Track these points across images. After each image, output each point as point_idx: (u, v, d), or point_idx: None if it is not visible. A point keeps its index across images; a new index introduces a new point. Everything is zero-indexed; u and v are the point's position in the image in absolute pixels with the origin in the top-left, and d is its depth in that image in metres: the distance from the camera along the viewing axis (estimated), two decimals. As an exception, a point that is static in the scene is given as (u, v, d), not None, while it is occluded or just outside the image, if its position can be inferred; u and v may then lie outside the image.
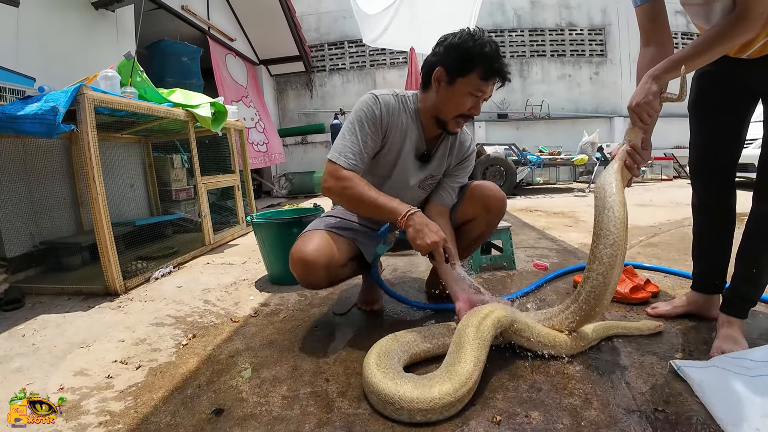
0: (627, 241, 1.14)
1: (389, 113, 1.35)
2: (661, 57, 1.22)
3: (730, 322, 1.28)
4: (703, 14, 1.23)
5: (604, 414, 0.96)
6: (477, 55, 1.24)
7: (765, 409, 0.94)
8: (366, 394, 1.05)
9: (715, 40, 1.08)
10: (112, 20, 3.63)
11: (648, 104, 1.13)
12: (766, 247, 1.25)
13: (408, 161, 1.43)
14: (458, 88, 1.29)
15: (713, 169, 1.40)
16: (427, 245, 1.18)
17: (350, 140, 1.31)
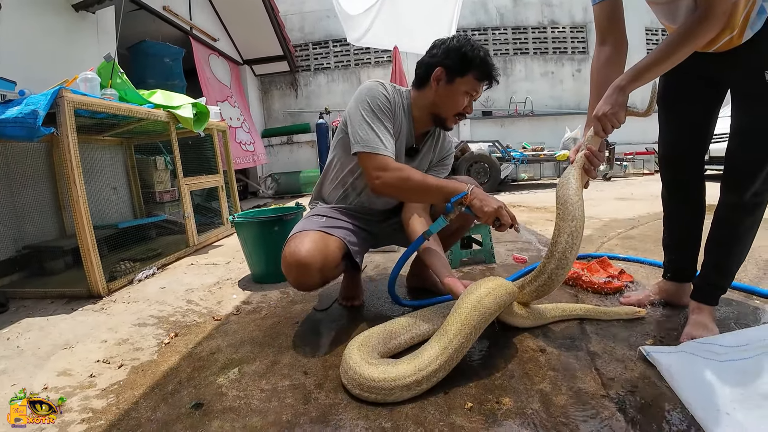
0: (582, 236, 1.24)
1: (394, 102, 1.43)
2: (616, 56, 1.28)
3: (701, 309, 1.33)
4: (669, 13, 1.28)
5: (573, 398, 1.01)
6: (474, 58, 1.36)
7: (735, 394, 0.97)
8: (342, 377, 1.10)
9: (679, 42, 1.11)
10: (93, 22, 3.61)
11: (614, 115, 1.17)
12: (734, 236, 1.30)
13: (400, 153, 1.49)
14: (456, 87, 1.39)
15: (682, 162, 1.46)
16: (494, 210, 1.25)
17: (378, 128, 1.35)
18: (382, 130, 1.35)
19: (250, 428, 0.95)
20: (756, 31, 1.17)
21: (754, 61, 1.19)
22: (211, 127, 3.33)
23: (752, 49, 1.19)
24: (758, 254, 2.13)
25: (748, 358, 1.10)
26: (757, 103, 1.22)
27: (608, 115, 1.17)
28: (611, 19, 1.29)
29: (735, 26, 1.18)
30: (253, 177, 7.59)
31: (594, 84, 1.32)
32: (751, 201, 1.26)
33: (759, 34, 1.17)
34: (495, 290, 1.19)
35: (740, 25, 1.17)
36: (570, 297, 1.69)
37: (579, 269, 1.79)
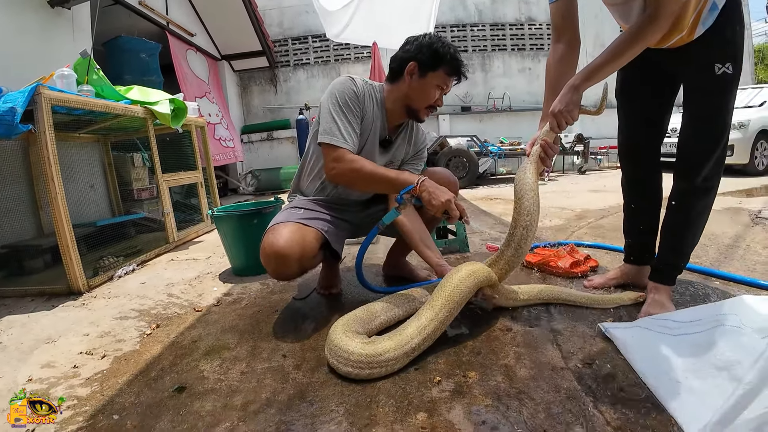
0: (537, 222, 1.37)
1: (363, 95, 1.49)
2: (569, 54, 1.36)
3: (658, 289, 1.43)
4: (623, 13, 1.37)
5: (535, 371, 1.09)
6: (445, 54, 1.44)
7: (687, 365, 1.05)
8: (327, 353, 1.17)
9: (629, 42, 1.19)
10: (68, 18, 3.56)
11: (568, 113, 1.26)
12: (687, 220, 1.41)
13: (374, 145, 1.56)
14: (428, 80, 1.47)
15: (639, 152, 1.56)
16: (442, 203, 1.31)
17: (341, 121, 1.41)
18: (344, 123, 1.41)
19: (230, 407, 1.01)
20: (707, 27, 1.27)
21: (705, 55, 1.29)
22: (189, 123, 3.33)
23: (703, 44, 1.29)
24: (720, 240, 2.27)
25: (701, 332, 1.19)
26: (706, 96, 1.32)
27: (563, 112, 1.26)
28: (565, 18, 1.37)
29: (685, 27, 1.27)
30: (233, 174, 7.54)
31: (548, 80, 1.41)
32: (701, 186, 1.36)
33: (710, 30, 1.26)
34: (475, 273, 1.31)
35: (692, 23, 1.27)
36: (538, 281, 1.78)
37: (547, 255, 1.88)
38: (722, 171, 1.38)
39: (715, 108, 1.32)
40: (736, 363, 1.03)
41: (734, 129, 5.57)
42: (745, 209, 3.14)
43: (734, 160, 5.60)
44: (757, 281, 1.59)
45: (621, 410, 0.92)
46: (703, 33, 1.28)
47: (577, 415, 0.91)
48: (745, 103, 6.19)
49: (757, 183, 4.81)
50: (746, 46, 10.10)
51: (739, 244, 2.20)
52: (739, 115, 5.76)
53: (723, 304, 1.32)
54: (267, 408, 0.99)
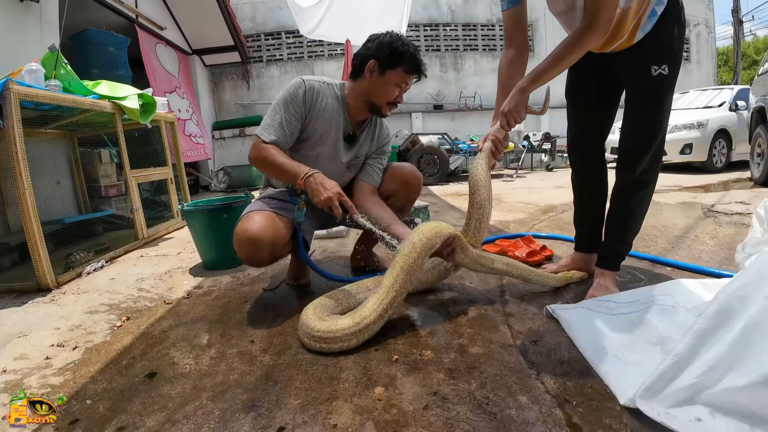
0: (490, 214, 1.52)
1: (313, 95, 1.55)
2: (518, 58, 1.47)
3: (604, 274, 1.55)
4: (567, 21, 1.48)
5: (485, 349, 1.19)
6: (404, 52, 1.51)
7: (622, 340, 1.16)
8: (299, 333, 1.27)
9: (570, 48, 1.30)
10: (37, 12, 3.49)
11: (516, 112, 1.37)
12: (628, 210, 1.54)
13: (338, 141, 1.62)
14: (387, 78, 1.53)
15: (586, 148, 1.68)
16: (323, 201, 1.37)
17: (273, 117, 1.51)
18: (277, 119, 1.50)
19: (200, 388, 1.07)
20: (646, 32, 1.39)
21: (643, 58, 1.41)
22: (158, 119, 3.31)
23: (642, 48, 1.41)
24: (671, 231, 2.43)
25: (638, 311, 1.31)
26: (644, 95, 1.45)
27: (511, 112, 1.36)
28: (516, 24, 1.48)
29: (625, 33, 1.39)
30: (205, 170, 7.45)
31: (500, 81, 1.51)
32: (640, 179, 1.49)
33: (648, 34, 1.39)
34: (437, 227, 1.35)
35: (632, 29, 1.38)
36: (496, 271, 1.89)
37: (506, 246, 2.00)
38: (659, 166, 1.52)
39: (652, 107, 1.44)
40: (669, 338, 1.14)
41: (693, 128, 5.88)
42: (699, 203, 3.33)
43: (693, 158, 5.91)
44: (699, 267, 1.73)
45: (561, 380, 1.02)
46: (642, 38, 1.40)
47: (521, 385, 1.01)
48: (705, 103, 6.52)
49: (714, 179, 5.09)
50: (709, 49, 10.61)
51: (688, 235, 2.37)
52: (699, 115, 6.07)
53: (660, 286, 1.45)
54: (235, 388, 1.05)
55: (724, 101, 6.30)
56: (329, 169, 1.58)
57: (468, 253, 1.45)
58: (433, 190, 5.28)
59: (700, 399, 0.88)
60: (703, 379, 0.89)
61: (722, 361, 0.88)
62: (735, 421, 0.84)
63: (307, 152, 1.61)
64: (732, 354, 0.88)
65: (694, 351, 0.92)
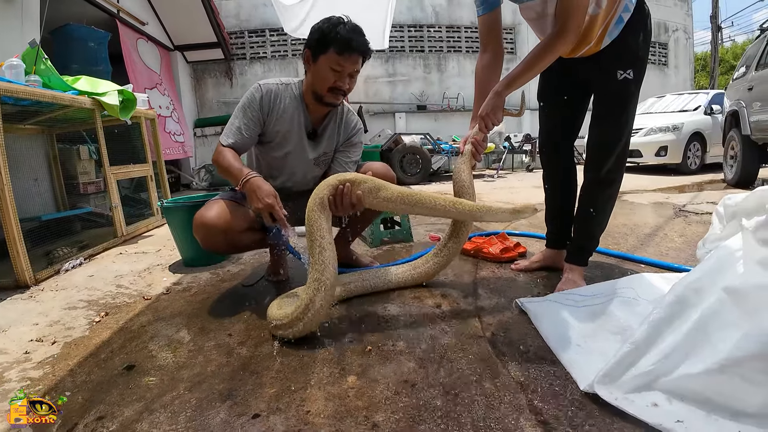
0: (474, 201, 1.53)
1: (270, 99, 1.58)
2: (494, 62, 1.53)
3: (572, 269, 1.62)
4: (539, 27, 1.55)
5: (456, 340, 1.24)
6: (331, 33, 1.47)
7: (585, 330, 1.22)
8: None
9: (541, 54, 1.37)
10: (18, 6, 3.43)
11: (493, 115, 1.44)
12: (595, 207, 1.61)
13: (301, 139, 1.65)
14: (321, 64, 1.52)
15: (556, 149, 1.76)
16: (255, 209, 1.42)
17: (233, 123, 1.57)
18: (235, 124, 1.57)
19: (178, 379, 1.09)
20: (613, 38, 1.46)
21: (609, 63, 1.48)
22: (138, 115, 3.29)
23: (609, 53, 1.48)
24: (641, 230, 2.53)
25: (599, 303, 1.38)
26: (610, 98, 1.52)
27: (489, 115, 1.42)
28: (491, 30, 1.54)
29: (593, 39, 1.46)
30: (186, 168, 7.38)
31: (477, 85, 1.57)
32: (606, 177, 1.56)
33: (615, 40, 1.46)
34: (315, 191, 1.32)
35: (599, 35, 1.45)
36: (471, 266, 1.95)
37: (481, 243, 2.06)
38: (624, 165, 1.59)
39: (617, 110, 1.51)
40: (629, 328, 1.20)
41: (669, 131, 6.07)
42: (671, 203, 3.45)
43: (668, 160, 6.10)
44: (663, 263, 1.82)
45: (526, 368, 1.08)
46: (610, 43, 1.47)
47: (487, 372, 1.06)
48: (681, 107, 6.72)
49: (688, 181, 5.25)
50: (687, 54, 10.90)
51: (657, 233, 2.46)
52: (674, 119, 6.26)
53: (623, 280, 1.52)
54: (212, 379, 1.09)
55: (699, 105, 6.51)
56: (298, 167, 1.65)
57: (377, 194, 1.34)
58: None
59: (657, 385, 0.93)
60: (660, 366, 0.94)
61: (678, 349, 0.94)
62: (691, 407, 0.88)
63: (274, 153, 1.65)
64: (688, 342, 0.94)
65: (651, 339, 0.98)
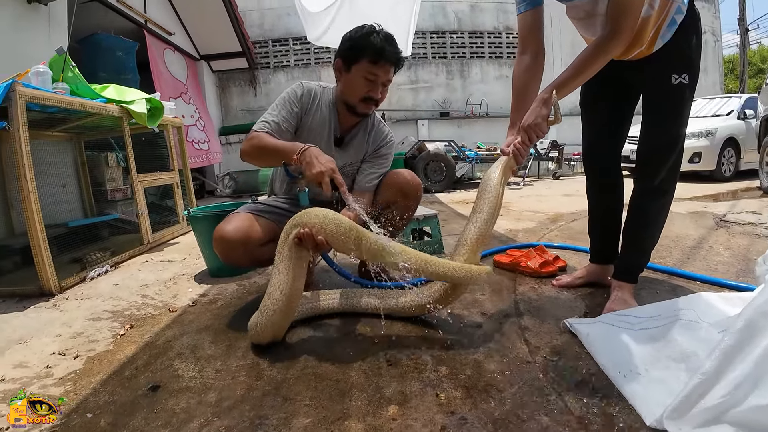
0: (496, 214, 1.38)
1: (310, 97, 1.55)
2: (534, 64, 1.43)
3: (621, 287, 1.50)
4: (586, 27, 1.45)
5: (502, 365, 1.14)
6: (364, 43, 1.45)
7: (645, 356, 1.12)
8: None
9: (592, 57, 1.26)
10: (45, 14, 3.48)
11: (538, 126, 1.32)
12: (646, 220, 1.49)
13: (329, 144, 1.60)
14: (353, 74, 1.49)
15: (600, 156, 1.64)
16: (314, 175, 1.31)
17: (269, 113, 1.54)
18: (271, 114, 1.53)
19: (205, 403, 1.02)
20: (666, 41, 1.35)
21: (663, 67, 1.38)
22: (165, 123, 3.30)
23: (661, 56, 1.38)
24: (684, 242, 2.38)
25: (660, 326, 1.26)
26: (663, 103, 1.41)
27: (533, 126, 1.32)
28: (532, 29, 1.44)
29: (645, 41, 1.35)
30: (211, 175, 7.45)
31: (515, 90, 1.48)
32: (658, 188, 1.45)
33: (668, 43, 1.36)
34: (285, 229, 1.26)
35: (651, 37, 1.35)
36: (509, 281, 1.84)
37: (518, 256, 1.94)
38: (678, 175, 1.47)
39: (671, 115, 1.40)
40: (693, 355, 1.10)
41: (702, 137, 5.83)
42: (710, 213, 3.29)
43: (701, 167, 5.86)
44: (716, 279, 1.68)
45: (583, 400, 0.98)
46: (662, 46, 1.36)
47: (542, 405, 0.96)
48: (713, 112, 6.48)
49: (723, 188, 5.04)
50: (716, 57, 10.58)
51: (702, 246, 2.32)
52: (707, 124, 6.02)
53: (681, 300, 1.39)
54: (241, 404, 1.01)
55: (732, 110, 6.27)
56: None
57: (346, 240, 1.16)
58: (440, 198, 5.24)
59: (726, 418, 0.85)
60: (730, 398, 0.86)
61: (748, 378, 0.86)
62: (760, 440, 0.80)
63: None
64: (757, 371, 0.85)
65: (721, 369, 0.89)
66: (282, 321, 1.26)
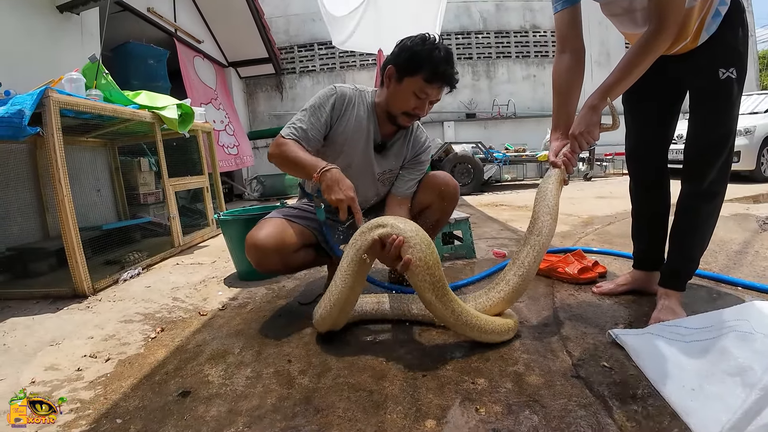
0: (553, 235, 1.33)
1: (343, 103, 1.49)
2: (575, 64, 1.36)
3: (668, 295, 1.40)
4: (624, 23, 1.37)
5: (545, 379, 1.07)
6: (424, 58, 1.37)
7: (699, 371, 1.03)
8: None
9: (639, 56, 1.19)
10: (77, 23, 3.60)
11: (589, 134, 1.26)
12: (695, 225, 1.39)
13: (368, 150, 1.55)
14: (405, 86, 1.42)
15: (646, 156, 1.55)
16: (333, 201, 1.29)
17: (299, 118, 1.48)
18: (301, 120, 1.47)
19: (236, 411, 0.99)
20: (711, 33, 1.27)
21: (709, 61, 1.29)
22: (196, 128, 3.34)
23: (707, 50, 1.29)
24: (729, 246, 2.24)
25: (712, 338, 1.17)
26: (711, 100, 1.32)
27: (583, 134, 1.25)
28: (571, 27, 1.37)
29: (689, 34, 1.27)
30: (239, 179, 7.57)
31: (557, 91, 1.40)
32: (708, 190, 1.35)
33: (713, 35, 1.27)
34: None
35: (696, 30, 1.26)
36: (546, 287, 1.75)
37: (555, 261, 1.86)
38: (729, 175, 1.37)
39: (720, 112, 1.31)
40: (749, 369, 1.01)
41: (740, 135, 5.55)
42: (753, 215, 3.11)
43: (740, 167, 5.58)
44: (767, 287, 1.57)
45: (634, 417, 0.90)
46: (707, 39, 1.28)
47: (590, 423, 0.89)
48: (750, 109, 6.17)
49: (763, 189, 4.78)
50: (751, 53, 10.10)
51: (748, 250, 2.18)
52: (745, 122, 5.73)
53: (734, 309, 1.29)
54: (272, 414, 0.98)
55: (770, 107, 5.97)
56: (360, 181, 1.52)
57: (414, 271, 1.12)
58: (468, 201, 5.14)
59: None
60: None
61: None
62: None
63: (337, 163, 1.53)
64: None
65: None
66: (338, 318, 1.29)
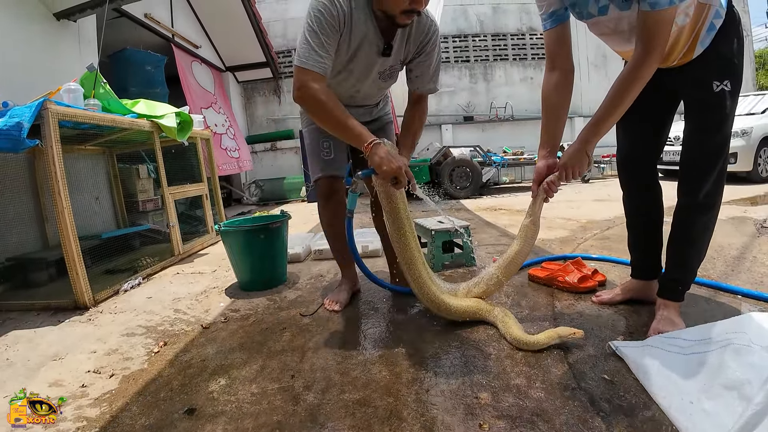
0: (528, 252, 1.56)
1: (344, 11, 1.39)
2: (564, 82, 1.38)
3: (667, 305, 1.41)
4: (613, 41, 1.39)
5: (547, 392, 1.08)
6: None
7: (698, 384, 1.04)
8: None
9: (627, 86, 1.21)
10: (74, 30, 3.59)
11: (579, 166, 1.32)
12: (691, 235, 1.40)
13: (371, 55, 1.51)
14: None
15: (638, 169, 1.56)
16: (393, 169, 1.31)
17: (315, 43, 1.35)
18: (318, 46, 1.35)
19: (242, 430, 1.00)
20: (705, 47, 1.28)
21: (703, 73, 1.30)
22: (194, 136, 3.35)
23: (702, 62, 1.30)
24: (727, 252, 2.25)
25: (710, 351, 1.18)
26: (705, 111, 1.33)
27: (575, 167, 1.29)
28: (560, 44, 1.39)
29: (680, 50, 1.29)
30: (237, 184, 7.56)
31: (545, 108, 1.44)
32: (704, 202, 1.36)
33: (708, 48, 1.28)
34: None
35: (690, 44, 1.28)
36: (546, 297, 1.77)
37: (555, 270, 1.87)
38: (723, 187, 1.39)
39: (714, 124, 1.32)
40: (746, 382, 1.02)
41: (737, 137, 5.58)
42: (750, 218, 3.12)
43: (737, 168, 5.60)
44: (765, 295, 1.58)
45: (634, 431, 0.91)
46: (702, 52, 1.29)
47: (593, 439, 0.90)
48: (747, 110, 6.19)
49: (760, 190, 4.80)
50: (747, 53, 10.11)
51: (746, 256, 2.19)
52: (742, 123, 5.76)
53: (732, 321, 1.30)
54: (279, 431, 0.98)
55: (767, 107, 5.98)
56: (365, 85, 1.57)
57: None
58: (466, 205, 5.15)
59: None
60: None
61: None
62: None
63: (338, 68, 1.51)
64: None
65: None
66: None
